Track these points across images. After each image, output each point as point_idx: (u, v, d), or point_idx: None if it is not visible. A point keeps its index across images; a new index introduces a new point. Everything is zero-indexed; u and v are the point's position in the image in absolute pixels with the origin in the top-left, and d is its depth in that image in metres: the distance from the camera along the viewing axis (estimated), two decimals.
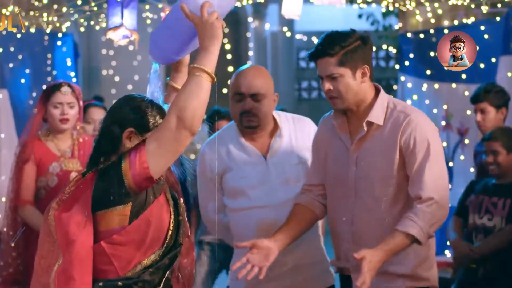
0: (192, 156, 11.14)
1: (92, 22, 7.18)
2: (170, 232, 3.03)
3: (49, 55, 7.37)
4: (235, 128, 4.20)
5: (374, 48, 3.70)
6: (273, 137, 4.17)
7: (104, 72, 13.55)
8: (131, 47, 13.03)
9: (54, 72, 7.43)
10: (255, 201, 4.10)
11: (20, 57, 6.73)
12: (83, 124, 5.37)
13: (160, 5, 7.30)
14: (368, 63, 3.59)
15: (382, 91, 3.68)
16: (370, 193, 3.62)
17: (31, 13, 6.80)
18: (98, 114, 5.71)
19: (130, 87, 13.24)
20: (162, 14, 7.20)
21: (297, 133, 4.25)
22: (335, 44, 3.55)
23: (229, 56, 12.38)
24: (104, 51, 13.38)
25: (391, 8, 8.77)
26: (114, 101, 3.16)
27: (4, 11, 5.26)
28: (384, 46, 10.41)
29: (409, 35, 8.50)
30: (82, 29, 7.35)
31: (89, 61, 13.58)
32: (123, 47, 13.03)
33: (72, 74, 7.52)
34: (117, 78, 13.31)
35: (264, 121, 4.12)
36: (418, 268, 3.63)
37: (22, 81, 6.79)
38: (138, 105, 3.05)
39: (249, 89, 4.07)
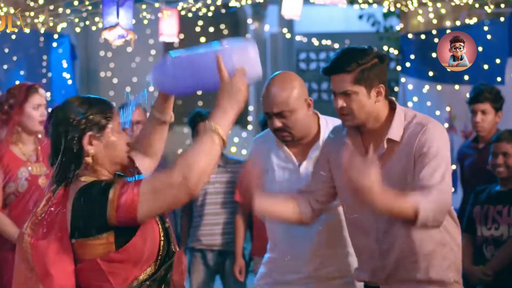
0: None
1: (87, 22, 7.06)
2: (162, 243, 2.90)
3: (45, 57, 7.25)
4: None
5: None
6: (312, 146, 4.04)
7: (102, 74, 13.43)
8: (129, 49, 13.04)
9: (50, 74, 7.31)
10: None
11: (14, 58, 6.62)
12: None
13: (157, 4, 7.15)
14: (384, 82, 3.50)
15: (398, 107, 3.57)
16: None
17: (27, 13, 6.69)
18: None
19: (128, 89, 13.12)
20: (160, 15, 7.07)
21: None
22: (352, 61, 3.45)
23: None
24: (102, 53, 13.26)
25: (392, 9, 8.68)
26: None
27: None
28: (385, 48, 10.29)
29: (410, 36, 8.41)
30: (77, 29, 7.22)
31: (87, 63, 13.46)
32: (121, 48, 13.03)
33: (68, 76, 7.38)
34: (115, 80, 13.23)
35: (300, 133, 3.99)
36: (447, 271, 3.54)
37: (17, 82, 6.64)
38: (83, 105, 2.91)
39: (272, 109, 3.94)
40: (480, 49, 6.32)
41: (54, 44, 7.40)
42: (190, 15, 6.81)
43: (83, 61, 13.17)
